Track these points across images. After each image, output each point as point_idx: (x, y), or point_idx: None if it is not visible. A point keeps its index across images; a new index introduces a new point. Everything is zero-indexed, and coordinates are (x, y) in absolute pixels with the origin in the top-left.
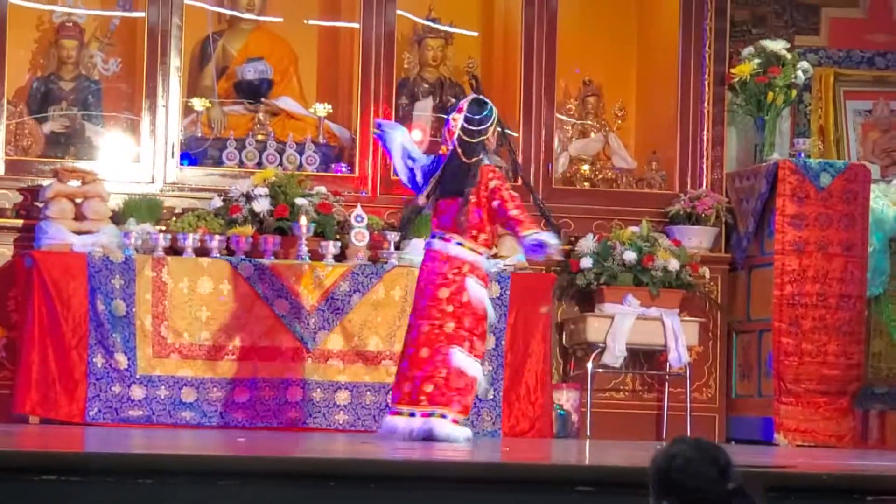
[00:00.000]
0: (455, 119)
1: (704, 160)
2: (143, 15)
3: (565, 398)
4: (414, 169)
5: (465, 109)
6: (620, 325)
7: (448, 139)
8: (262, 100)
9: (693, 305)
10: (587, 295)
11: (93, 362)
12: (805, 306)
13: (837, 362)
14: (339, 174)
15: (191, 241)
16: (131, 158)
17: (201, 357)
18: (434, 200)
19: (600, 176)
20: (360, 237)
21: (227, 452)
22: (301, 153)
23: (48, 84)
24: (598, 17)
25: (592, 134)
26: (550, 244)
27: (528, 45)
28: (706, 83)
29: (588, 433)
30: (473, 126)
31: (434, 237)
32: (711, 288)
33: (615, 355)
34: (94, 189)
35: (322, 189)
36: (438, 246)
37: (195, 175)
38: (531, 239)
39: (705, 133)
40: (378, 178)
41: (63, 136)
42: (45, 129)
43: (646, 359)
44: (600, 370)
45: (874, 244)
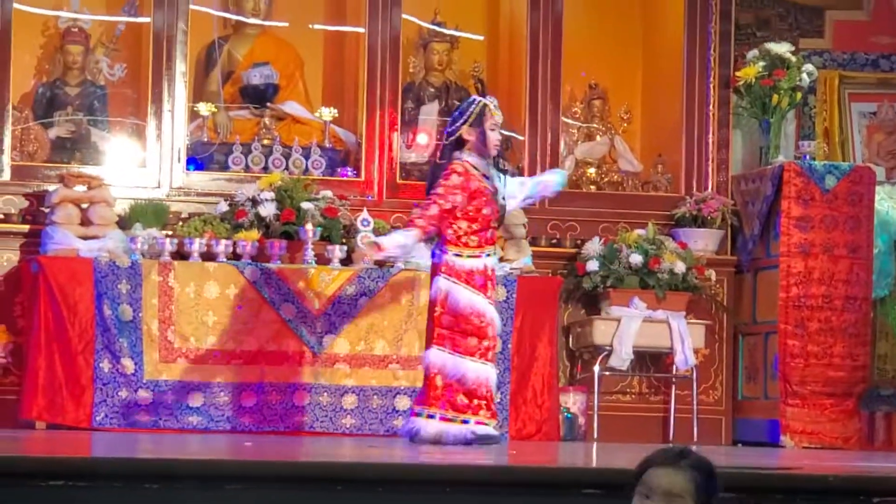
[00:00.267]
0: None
1: (710, 163)
2: (148, 20)
3: (572, 401)
4: None
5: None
6: (627, 328)
7: None
8: (268, 104)
9: (699, 308)
10: (594, 298)
11: (99, 367)
12: (811, 308)
13: (843, 364)
14: (344, 178)
15: (197, 245)
16: (137, 163)
17: (208, 362)
18: None
19: (606, 179)
20: (366, 241)
21: (235, 457)
22: (307, 157)
23: (54, 89)
24: (603, 21)
25: (598, 137)
26: (373, 244)
27: (533, 48)
28: (711, 86)
29: (595, 436)
30: (448, 127)
31: None
32: (717, 290)
33: (622, 358)
34: (100, 194)
35: (328, 193)
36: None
37: (201, 180)
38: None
39: (710, 136)
40: (384, 181)
41: (69, 142)
42: (50, 135)
43: (652, 361)
44: (607, 373)
45: (879, 246)
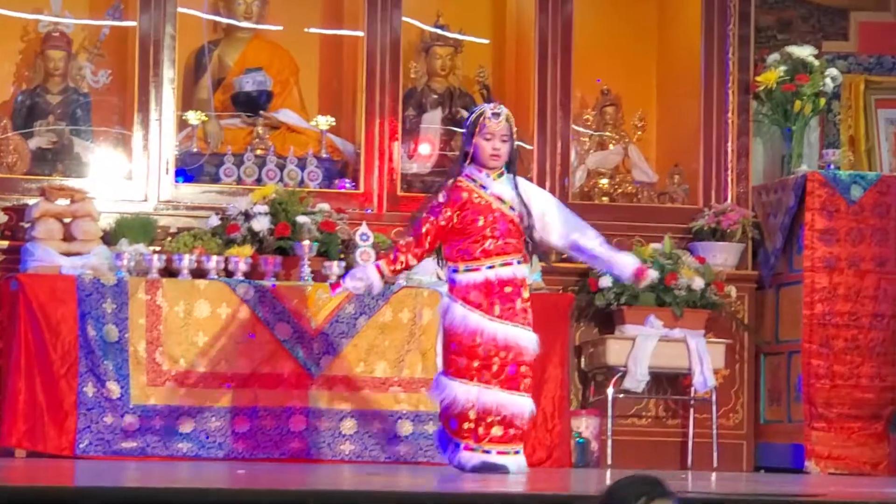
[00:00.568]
0: None
1: (729, 173)
2: (134, 24)
3: (584, 425)
4: None
5: None
6: (642, 348)
7: None
8: (261, 112)
9: (719, 326)
10: (607, 316)
11: (83, 391)
12: (836, 326)
13: (871, 385)
14: (342, 190)
15: (187, 262)
16: (123, 175)
17: (199, 385)
18: None
19: (620, 190)
20: (365, 257)
21: (227, 486)
22: (302, 168)
23: (34, 97)
24: (615, 23)
25: (611, 146)
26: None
27: (542, 52)
28: (730, 92)
29: (609, 462)
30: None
31: None
32: (738, 307)
33: (637, 379)
34: (84, 208)
35: (325, 206)
36: None
37: (191, 192)
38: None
39: (730, 144)
40: (384, 193)
41: (50, 153)
42: (31, 145)
43: (669, 383)
44: (621, 395)
45: None
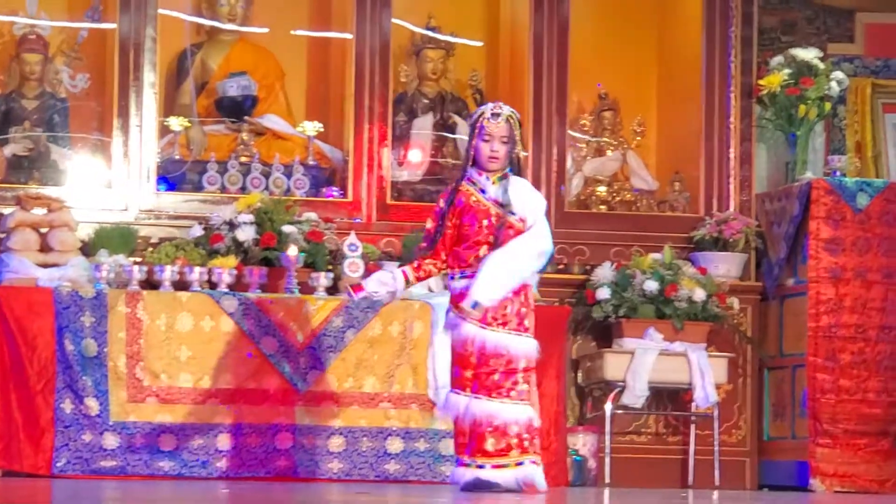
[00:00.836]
0: None
1: (731, 180)
2: (113, 26)
3: (582, 442)
4: None
5: None
6: (641, 362)
7: None
8: (246, 118)
9: (721, 339)
10: (605, 329)
11: (61, 408)
12: (843, 339)
13: (878, 400)
14: (330, 199)
15: (168, 273)
16: (102, 184)
17: (181, 401)
18: None
19: (618, 198)
20: (353, 268)
21: None
22: (289, 176)
23: (9, 102)
24: (613, 25)
25: (609, 152)
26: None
27: (537, 55)
28: (732, 96)
29: (607, 481)
30: None
31: None
32: (741, 320)
33: (636, 395)
34: (61, 217)
35: (312, 215)
36: None
37: (173, 201)
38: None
39: (732, 150)
40: (373, 202)
41: (26, 160)
42: (6, 152)
43: (670, 398)
44: (620, 411)
45: None
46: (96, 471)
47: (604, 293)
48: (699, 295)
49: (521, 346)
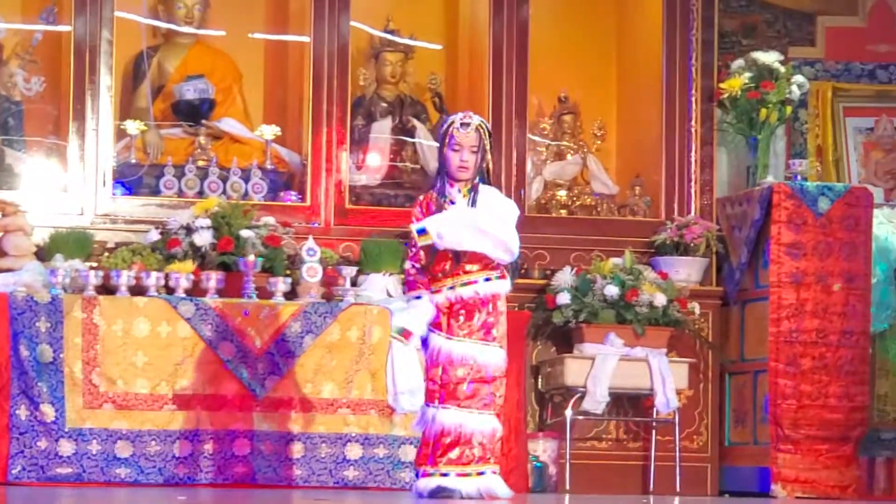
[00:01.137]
0: None
1: (692, 184)
2: (69, 28)
3: (542, 448)
4: None
5: None
6: (602, 368)
7: None
8: (203, 122)
9: (682, 344)
10: (565, 334)
11: (16, 415)
12: (804, 344)
13: (840, 405)
14: (288, 203)
15: (125, 278)
16: (58, 187)
17: (138, 407)
18: None
19: (578, 202)
20: (312, 272)
21: None
22: (246, 180)
23: None
24: (573, 27)
25: (569, 156)
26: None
27: (496, 58)
28: (693, 99)
29: (567, 487)
30: None
31: None
32: (702, 325)
33: (597, 400)
34: (16, 222)
35: (270, 220)
36: None
37: (129, 205)
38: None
39: (693, 154)
40: (331, 206)
41: None
42: None
43: (630, 404)
44: (580, 417)
45: (878, 275)
46: (52, 478)
47: (564, 298)
48: (660, 300)
49: (488, 357)
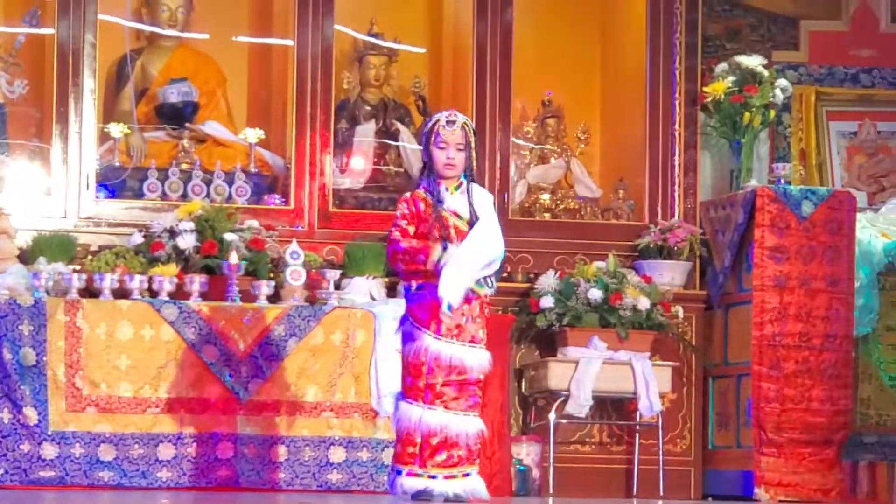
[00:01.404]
0: None
1: (676, 188)
2: (52, 31)
3: (525, 452)
4: None
5: None
6: (585, 371)
7: None
8: (187, 125)
9: (665, 348)
10: (548, 338)
11: None
12: (787, 348)
13: (823, 409)
14: (272, 206)
15: (108, 281)
16: (41, 190)
17: (121, 410)
18: None
19: (562, 206)
20: (295, 276)
21: None
22: (230, 183)
23: None
24: (557, 31)
25: (553, 159)
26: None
27: (480, 62)
28: (677, 103)
29: (551, 490)
30: None
31: None
32: (685, 329)
33: (580, 404)
34: None
35: (254, 223)
36: None
37: (113, 209)
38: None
39: (676, 158)
40: (315, 210)
41: None
42: None
43: (614, 408)
44: (564, 421)
45: (861, 279)
46: (35, 481)
47: (547, 302)
48: (643, 303)
49: (475, 359)
